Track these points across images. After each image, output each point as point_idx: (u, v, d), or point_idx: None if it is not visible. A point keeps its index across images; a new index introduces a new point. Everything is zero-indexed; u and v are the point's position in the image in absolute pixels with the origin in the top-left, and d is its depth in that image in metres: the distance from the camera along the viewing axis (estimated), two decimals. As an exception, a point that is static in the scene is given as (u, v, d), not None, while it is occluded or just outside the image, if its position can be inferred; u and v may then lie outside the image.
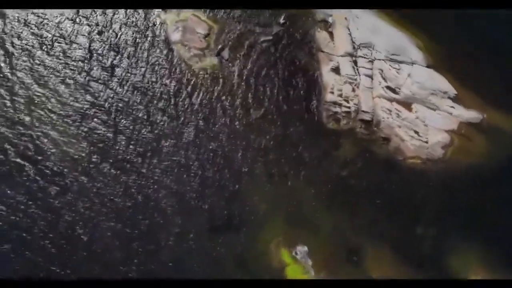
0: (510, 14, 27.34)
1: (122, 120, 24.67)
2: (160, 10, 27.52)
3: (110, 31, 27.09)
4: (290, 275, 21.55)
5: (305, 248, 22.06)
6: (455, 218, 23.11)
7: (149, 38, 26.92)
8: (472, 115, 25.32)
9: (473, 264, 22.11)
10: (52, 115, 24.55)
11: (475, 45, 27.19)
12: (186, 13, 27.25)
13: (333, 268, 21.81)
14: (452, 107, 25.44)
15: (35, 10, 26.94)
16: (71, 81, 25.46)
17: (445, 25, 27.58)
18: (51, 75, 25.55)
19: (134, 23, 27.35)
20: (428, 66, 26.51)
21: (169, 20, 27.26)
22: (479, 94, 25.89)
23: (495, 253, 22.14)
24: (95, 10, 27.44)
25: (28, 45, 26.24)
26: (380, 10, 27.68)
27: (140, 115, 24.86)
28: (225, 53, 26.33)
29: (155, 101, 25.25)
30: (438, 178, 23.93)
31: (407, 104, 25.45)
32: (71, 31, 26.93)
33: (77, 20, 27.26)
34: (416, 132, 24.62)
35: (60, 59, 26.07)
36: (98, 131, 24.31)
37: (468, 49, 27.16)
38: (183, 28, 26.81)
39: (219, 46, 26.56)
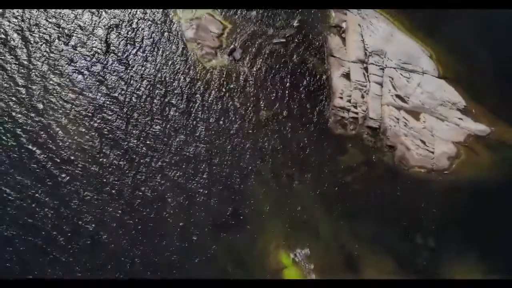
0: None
1: (134, 114, 25.08)
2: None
3: (127, 25, 27.49)
4: (287, 277, 21.78)
5: (304, 251, 22.24)
6: (456, 230, 23.07)
7: (164, 34, 27.30)
8: (480, 128, 25.23)
9: (472, 276, 22.11)
10: (65, 104, 25.03)
11: (489, 58, 27.07)
12: (201, 12, 27.57)
13: (331, 273, 21.95)
14: (460, 119, 25.39)
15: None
16: (86, 72, 25.94)
17: (459, 35, 27.52)
18: (66, 65, 26.04)
19: (151, 18, 27.72)
20: (439, 77, 26.46)
21: (184, 18, 27.62)
22: (489, 107, 25.80)
23: (493, 267, 22.12)
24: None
25: (46, 34, 26.76)
26: (394, 18, 27.80)
27: (152, 109, 25.26)
28: (237, 53, 26.58)
29: (167, 97, 25.63)
30: (442, 189, 23.92)
31: (415, 113, 25.49)
32: (89, 22, 27.40)
33: (96, 12, 27.71)
34: (423, 142, 24.67)
35: (76, 49, 26.55)
36: (110, 123, 24.74)
37: (481, 62, 27.03)
38: (197, 26, 27.13)
39: (231, 46, 26.86)
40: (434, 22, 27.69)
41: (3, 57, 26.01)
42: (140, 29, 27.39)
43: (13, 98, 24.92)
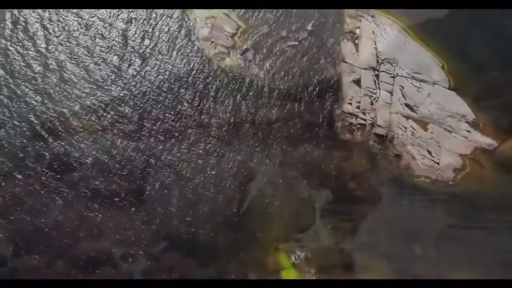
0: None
1: (147, 107, 25.46)
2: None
3: (145, 19, 27.83)
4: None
5: (304, 254, 22.53)
6: (457, 241, 23.25)
7: (181, 31, 27.56)
8: (487, 141, 25.13)
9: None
10: (79, 93, 25.48)
11: (501, 71, 26.91)
12: (217, 11, 27.78)
13: (330, 276, 22.22)
14: (468, 131, 25.35)
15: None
16: (102, 63, 26.35)
17: (472, 47, 27.38)
18: (84, 55, 26.48)
19: (168, 14, 27.97)
20: (449, 88, 26.35)
21: (200, 16, 27.85)
22: (497, 121, 25.70)
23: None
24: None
25: (65, 24, 27.19)
26: (407, 26, 27.72)
27: (164, 104, 25.62)
28: (250, 54, 26.80)
29: (180, 92, 25.98)
30: (445, 200, 24.04)
31: (423, 123, 25.49)
32: (108, 15, 27.77)
33: (114, 4, 28.07)
34: (429, 152, 24.76)
35: (94, 40, 26.95)
36: (122, 115, 25.17)
37: (493, 75, 26.90)
38: (212, 25, 27.38)
39: (244, 46, 27.07)
40: (448, 32, 27.56)
41: (21, 44, 26.53)
42: (157, 24, 27.68)
43: (28, 84, 25.44)
